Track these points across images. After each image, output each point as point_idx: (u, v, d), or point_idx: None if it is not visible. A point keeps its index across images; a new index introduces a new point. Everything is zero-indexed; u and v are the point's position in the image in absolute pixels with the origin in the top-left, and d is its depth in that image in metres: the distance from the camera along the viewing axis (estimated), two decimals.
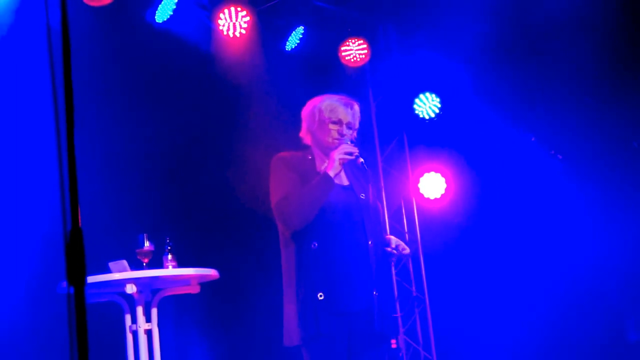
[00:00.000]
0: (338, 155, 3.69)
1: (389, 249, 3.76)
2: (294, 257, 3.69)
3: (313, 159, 3.86)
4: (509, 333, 7.04)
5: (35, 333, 5.34)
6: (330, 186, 3.67)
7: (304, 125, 3.92)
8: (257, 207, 5.49)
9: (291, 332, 3.67)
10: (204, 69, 6.35)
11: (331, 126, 3.81)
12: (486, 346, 7.07)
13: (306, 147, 3.92)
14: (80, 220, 1.63)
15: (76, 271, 1.55)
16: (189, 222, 6.23)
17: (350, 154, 3.71)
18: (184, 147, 6.32)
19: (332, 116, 3.82)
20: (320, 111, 3.84)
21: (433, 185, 7.26)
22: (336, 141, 3.78)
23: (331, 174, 3.67)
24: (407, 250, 3.84)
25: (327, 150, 3.80)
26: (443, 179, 7.26)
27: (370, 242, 3.72)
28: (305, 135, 3.92)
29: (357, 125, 3.87)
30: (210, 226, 6.36)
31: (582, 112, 6.94)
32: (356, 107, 3.88)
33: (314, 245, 3.65)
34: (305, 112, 3.92)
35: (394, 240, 3.80)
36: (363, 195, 3.83)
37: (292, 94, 4.67)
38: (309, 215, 3.65)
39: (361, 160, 3.74)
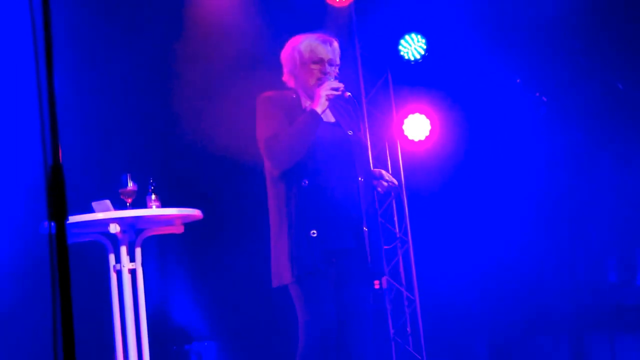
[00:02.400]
0: (324, 91, 3.68)
1: (384, 182, 3.79)
2: (284, 196, 3.69)
3: (298, 98, 3.85)
4: (491, 275, 7.10)
5: (19, 275, 5.34)
6: (317, 122, 3.66)
7: (285, 69, 3.91)
8: (242, 146, 5.47)
9: (281, 270, 3.68)
10: (183, 9, 6.26)
11: (313, 66, 3.80)
12: (468, 288, 7.13)
13: (290, 89, 3.90)
14: (61, 157, 1.61)
15: (57, 206, 1.53)
16: (173, 161, 6.21)
17: (337, 89, 3.70)
18: (166, 87, 6.26)
19: (312, 56, 3.80)
20: (300, 52, 3.82)
21: (417, 127, 7.24)
22: (320, 81, 3.75)
23: (318, 110, 3.66)
24: (395, 182, 3.89)
25: (311, 92, 3.79)
26: (428, 121, 7.24)
27: (360, 179, 3.73)
28: (288, 79, 3.91)
29: (338, 62, 3.87)
30: (194, 166, 6.34)
31: (568, 54, 6.91)
32: (335, 44, 3.87)
33: (305, 182, 3.66)
34: (285, 55, 3.90)
35: (384, 172, 3.85)
36: (350, 131, 3.84)
37: (276, 34, 4.62)
38: (298, 152, 3.65)
39: (348, 94, 3.73)
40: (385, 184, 3.81)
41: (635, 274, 6.98)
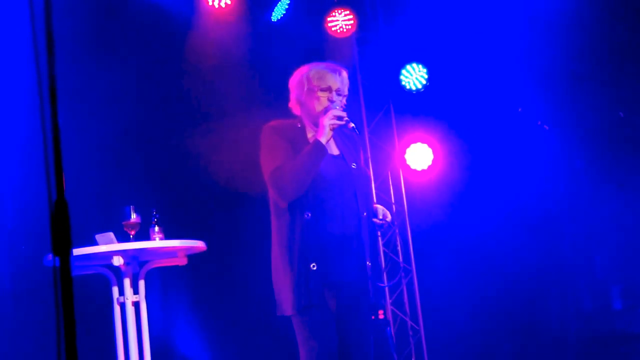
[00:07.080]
0: (328, 120, 3.66)
1: (377, 220, 3.76)
2: (287, 228, 3.68)
3: (303, 127, 3.83)
4: (496, 303, 7.08)
5: (22, 307, 5.34)
6: (322, 153, 3.64)
7: (292, 95, 3.88)
8: (245, 178, 5.48)
9: (283, 302, 3.68)
10: (189, 40, 6.31)
11: (320, 94, 3.78)
12: (473, 316, 7.10)
13: (295, 117, 3.90)
14: (65, 191, 1.62)
15: (61, 241, 1.54)
16: (176, 193, 6.21)
17: (340, 118, 3.68)
18: (170, 118, 6.29)
19: (320, 84, 3.78)
20: (309, 79, 3.80)
21: (420, 156, 7.25)
22: (326, 109, 3.74)
23: (322, 140, 3.64)
24: (389, 217, 3.84)
25: (316, 119, 3.76)
26: (430, 150, 7.25)
27: (364, 214, 3.72)
28: (294, 106, 3.89)
29: (346, 92, 3.85)
30: (198, 198, 6.35)
31: (569, 82, 6.94)
32: (344, 74, 3.85)
33: (307, 215, 3.64)
34: (293, 82, 3.88)
35: (380, 209, 3.81)
36: (354, 164, 3.82)
37: (278, 65, 4.65)
38: (304, 184, 3.63)
39: (352, 124, 3.71)
40: (380, 222, 3.77)
41: None
